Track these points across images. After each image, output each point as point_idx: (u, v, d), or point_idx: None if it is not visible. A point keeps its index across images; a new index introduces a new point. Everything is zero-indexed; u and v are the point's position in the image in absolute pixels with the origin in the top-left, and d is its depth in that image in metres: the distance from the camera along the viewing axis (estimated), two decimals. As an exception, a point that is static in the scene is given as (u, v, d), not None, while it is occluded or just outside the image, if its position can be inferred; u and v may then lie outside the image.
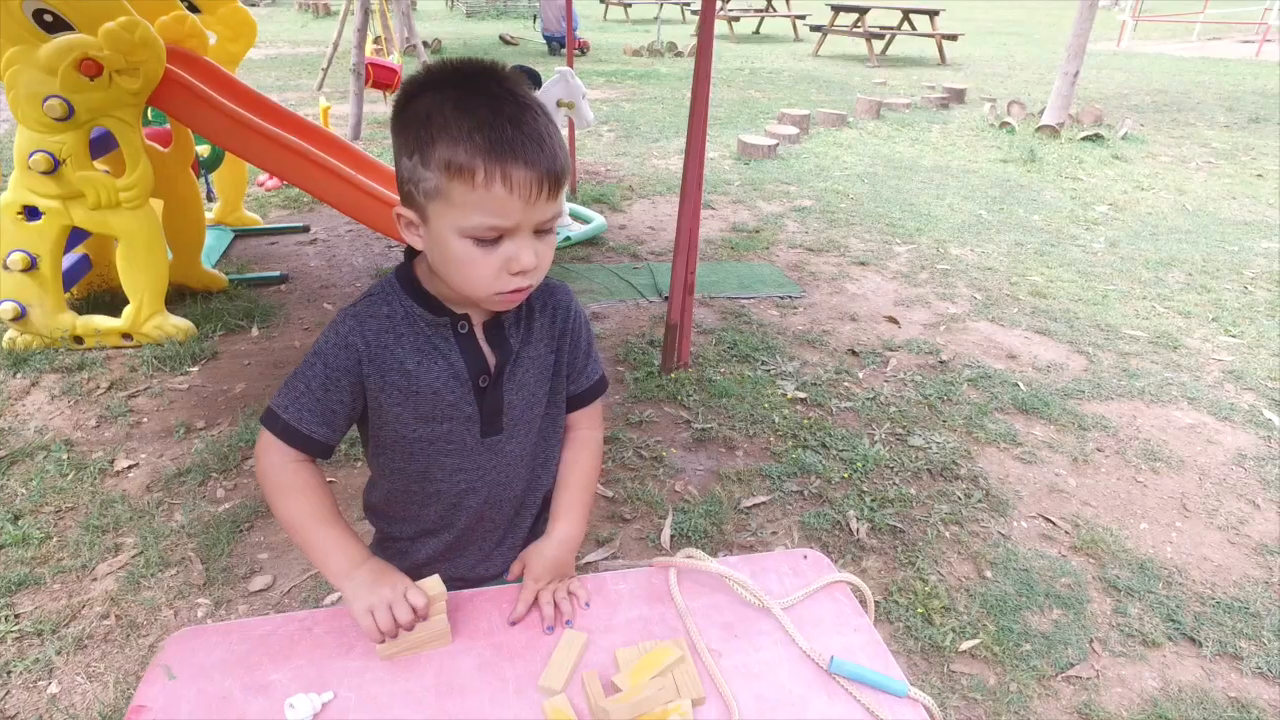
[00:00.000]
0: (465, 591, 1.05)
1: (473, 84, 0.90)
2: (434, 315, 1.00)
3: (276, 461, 1.00)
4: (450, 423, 1.04)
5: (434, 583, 0.96)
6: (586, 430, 1.20)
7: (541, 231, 0.92)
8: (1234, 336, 3.82)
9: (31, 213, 3.03)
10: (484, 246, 0.89)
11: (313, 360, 0.99)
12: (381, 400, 1.01)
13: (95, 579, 2.12)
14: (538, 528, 1.18)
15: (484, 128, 0.85)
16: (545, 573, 1.05)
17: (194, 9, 3.79)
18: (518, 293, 0.94)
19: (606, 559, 2.27)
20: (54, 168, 2.91)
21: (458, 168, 0.86)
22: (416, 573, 1.02)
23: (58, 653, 1.89)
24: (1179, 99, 10.46)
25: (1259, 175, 6.86)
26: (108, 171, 3.16)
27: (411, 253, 1.03)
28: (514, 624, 1.00)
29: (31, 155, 2.88)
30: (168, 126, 3.66)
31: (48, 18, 2.88)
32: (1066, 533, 2.45)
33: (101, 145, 3.12)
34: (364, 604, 0.92)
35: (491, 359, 1.04)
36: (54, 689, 1.81)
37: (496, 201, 0.86)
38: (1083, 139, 7.63)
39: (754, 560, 1.14)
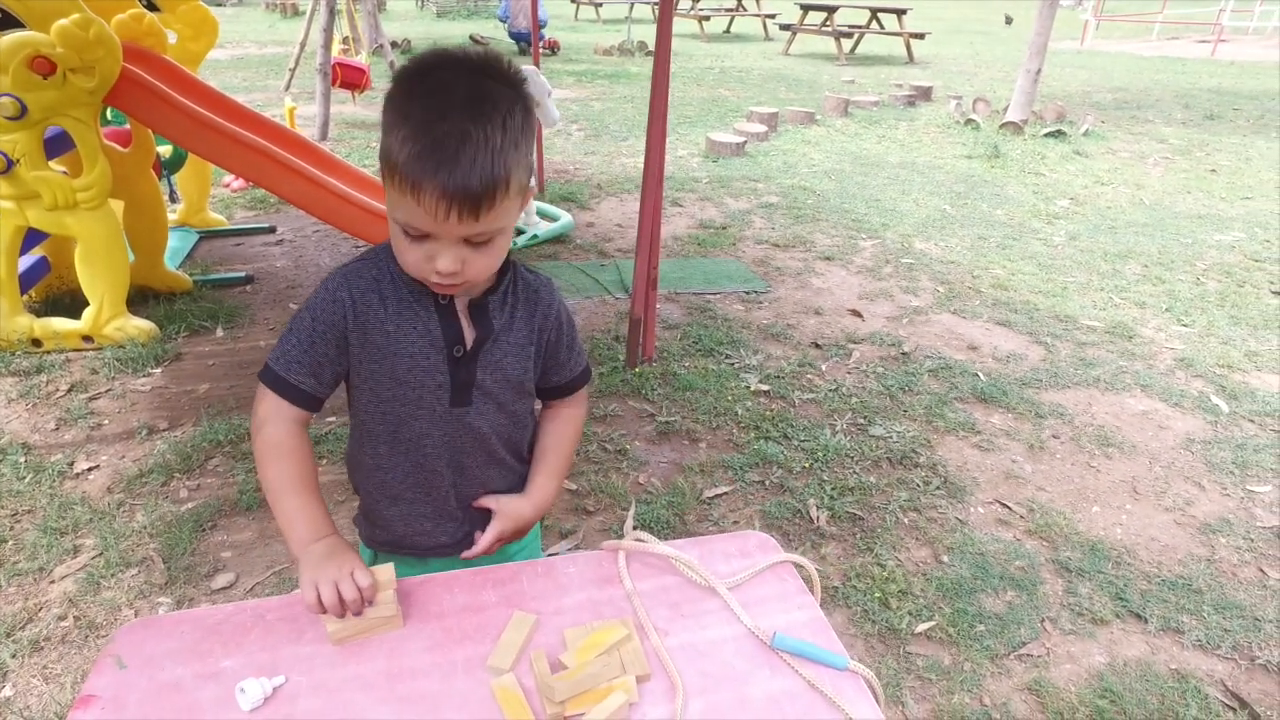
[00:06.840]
0: (416, 577, 1.06)
1: (444, 77, 0.90)
2: (417, 283, 1.02)
3: (272, 414, 1.04)
4: (421, 389, 1.07)
5: (385, 569, 0.98)
6: (570, 408, 1.25)
7: (476, 242, 0.94)
8: (1186, 326, 3.92)
9: (-15, 214, 2.98)
10: (410, 238, 0.94)
11: (302, 314, 1.04)
12: (362, 358, 1.05)
13: (53, 581, 2.09)
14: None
15: (419, 135, 0.86)
16: (512, 533, 1.17)
17: (153, 7, 3.74)
18: (443, 286, 0.98)
19: (569, 550, 2.29)
20: (7, 168, 2.86)
21: (390, 167, 0.90)
22: (398, 544, 1.19)
23: (12, 656, 1.87)
24: (1138, 96, 10.69)
25: (1212, 170, 7.04)
26: (65, 172, 3.12)
27: None
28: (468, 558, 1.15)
29: (-16, 155, 2.84)
30: (127, 126, 3.61)
31: (-2, 15, 2.84)
32: (1021, 517, 2.52)
33: (59, 145, 3.07)
34: (310, 576, 0.94)
35: (470, 333, 1.07)
36: (8, 692, 1.79)
37: (410, 209, 0.90)
38: (1045, 135, 7.77)
39: (702, 543, 1.16)
